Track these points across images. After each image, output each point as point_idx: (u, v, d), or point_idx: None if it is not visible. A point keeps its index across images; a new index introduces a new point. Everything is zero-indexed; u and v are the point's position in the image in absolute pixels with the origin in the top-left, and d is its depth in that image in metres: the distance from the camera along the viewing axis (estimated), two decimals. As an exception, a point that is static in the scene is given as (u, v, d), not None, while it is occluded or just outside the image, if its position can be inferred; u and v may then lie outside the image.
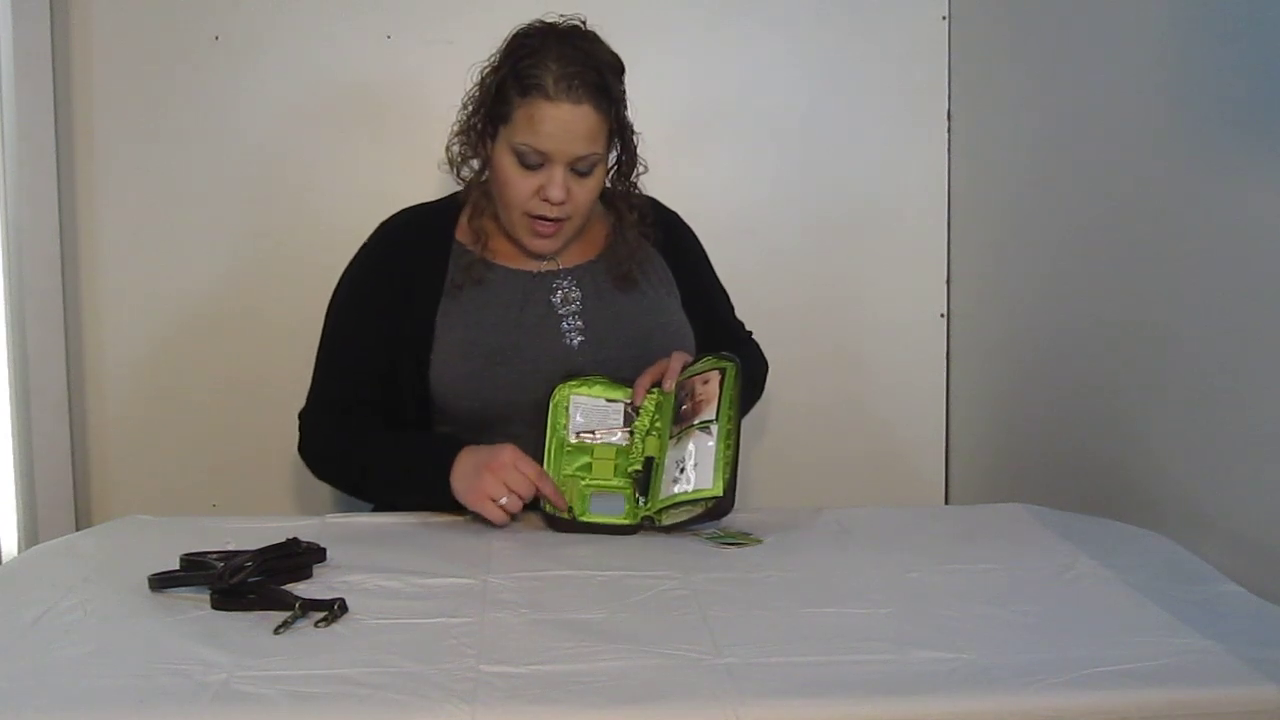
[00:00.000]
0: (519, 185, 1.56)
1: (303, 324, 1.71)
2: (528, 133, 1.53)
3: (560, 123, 1.52)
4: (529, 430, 1.54)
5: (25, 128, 1.89)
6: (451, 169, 1.65)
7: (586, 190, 1.58)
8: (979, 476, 2.15)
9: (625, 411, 1.54)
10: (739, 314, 1.84)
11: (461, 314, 1.59)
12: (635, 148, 1.65)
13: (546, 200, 1.55)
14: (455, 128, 1.64)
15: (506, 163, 1.56)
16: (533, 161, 1.54)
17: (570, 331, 1.61)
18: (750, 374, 1.63)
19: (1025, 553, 1.35)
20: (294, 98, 2.07)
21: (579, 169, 1.56)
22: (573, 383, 1.55)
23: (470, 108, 1.63)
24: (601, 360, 1.58)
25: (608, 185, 1.67)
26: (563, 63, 1.52)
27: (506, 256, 1.65)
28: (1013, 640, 1.08)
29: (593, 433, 1.54)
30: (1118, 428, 1.65)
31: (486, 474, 1.45)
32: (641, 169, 1.68)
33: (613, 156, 1.64)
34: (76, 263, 2.04)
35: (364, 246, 1.67)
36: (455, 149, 1.64)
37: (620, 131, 1.61)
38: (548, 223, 1.57)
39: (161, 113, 2.05)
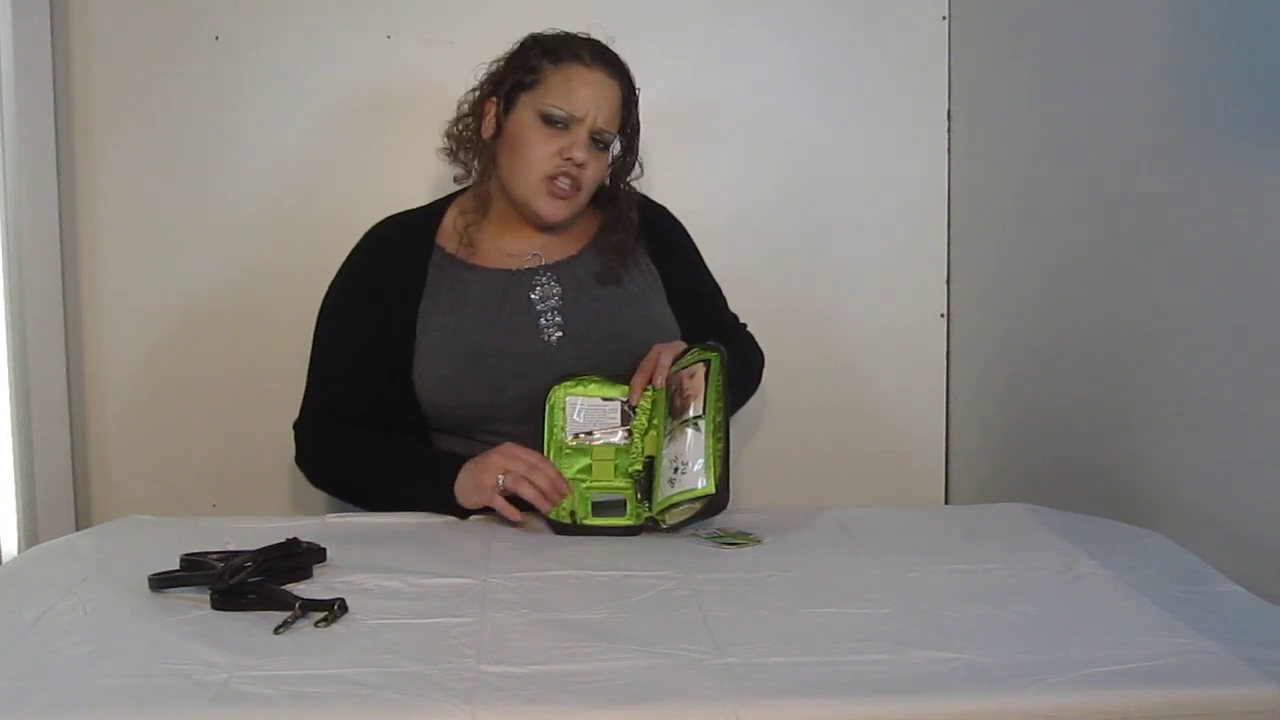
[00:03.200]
0: (542, 145, 1.58)
1: (302, 323, 1.71)
2: (561, 94, 1.58)
3: (595, 87, 1.58)
4: (515, 428, 1.55)
5: (25, 128, 1.89)
6: (448, 158, 1.68)
7: (599, 167, 1.62)
8: (979, 476, 2.15)
9: (622, 409, 1.54)
10: (739, 312, 1.84)
11: (440, 316, 1.60)
12: (638, 150, 1.69)
13: (570, 159, 1.58)
14: (455, 114, 1.68)
15: (529, 124, 1.59)
16: (560, 123, 1.58)
17: (549, 328, 1.61)
18: (743, 366, 1.63)
19: (1025, 553, 1.35)
20: (294, 97, 2.06)
21: (596, 142, 1.60)
22: (567, 383, 1.55)
23: (478, 92, 1.66)
24: (581, 355, 1.59)
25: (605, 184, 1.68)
26: (595, 45, 1.62)
27: (487, 257, 1.65)
28: (1013, 640, 1.08)
29: (590, 433, 1.54)
30: (1118, 428, 1.65)
31: (484, 465, 1.46)
32: (639, 173, 1.71)
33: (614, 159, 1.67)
34: (76, 263, 2.04)
35: (349, 257, 1.68)
36: (455, 132, 1.67)
37: (630, 132, 1.66)
38: (564, 185, 1.59)
39: (161, 113, 2.04)
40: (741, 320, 1.84)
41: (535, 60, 1.60)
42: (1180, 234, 1.49)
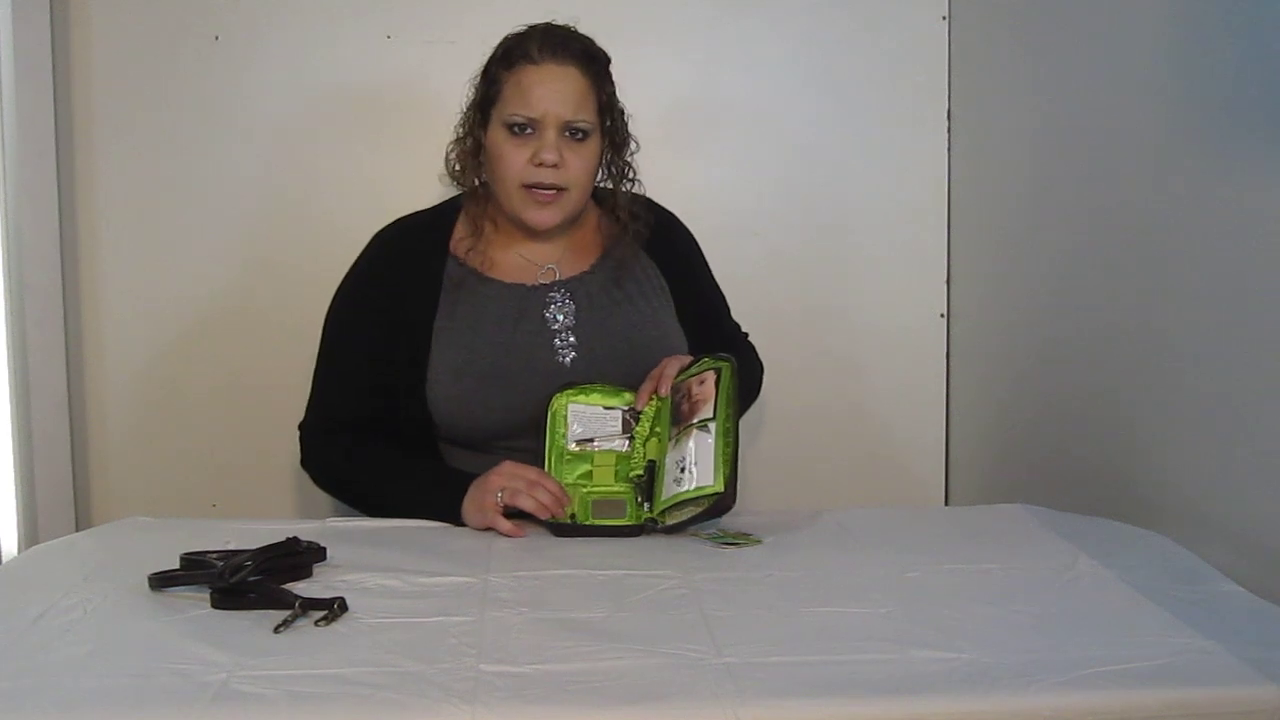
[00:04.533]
0: (512, 156, 1.57)
1: (303, 323, 1.71)
2: (516, 101, 1.56)
3: (547, 85, 1.56)
4: (525, 443, 1.55)
5: (25, 128, 1.89)
6: (452, 181, 1.68)
7: (582, 160, 1.59)
8: (979, 477, 2.15)
9: (623, 418, 1.54)
10: (739, 315, 1.84)
11: (455, 333, 1.59)
12: (626, 124, 1.66)
13: (541, 165, 1.56)
14: (452, 137, 1.67)
15: (499, 139, 1.58)
16: (524, 128, 1.56)
17: (563, 348, 1.61)
18: (745, 375, 1.63)
19: (1025, 553, 1.35)
20: (294, 98, 2.06)
21: (572, 134, 1.58)
22: (570, 391, 1.54)
23: (464, 113, 1.66)
24: (593, 377, 1.58)
25: (605, 185, 1.68)
26: (546, 36, 1.58)
27: (502, 270, 1.65)
28: (1013, 640, 1.08)
29: (592, 440, 1.54)
30: (1118, 428, 1.65)
31: (484, 486, 1.46)
32: (634, 147, 1.68)
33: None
34: (76, 263, 2.04)
35: (358, 261, 1.67)
36: (453, 156, 1.67)
37: (609, 109, 1.63)
38: (545, 191, 1.58)
39: (161, 113, 2.04)
40: (744, 330, 1.83)
41: (494, 70, 1.60)
42: (1180, 234, 1.49)
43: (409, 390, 1.58)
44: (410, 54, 2.07)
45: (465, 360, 1.58)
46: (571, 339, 1.62)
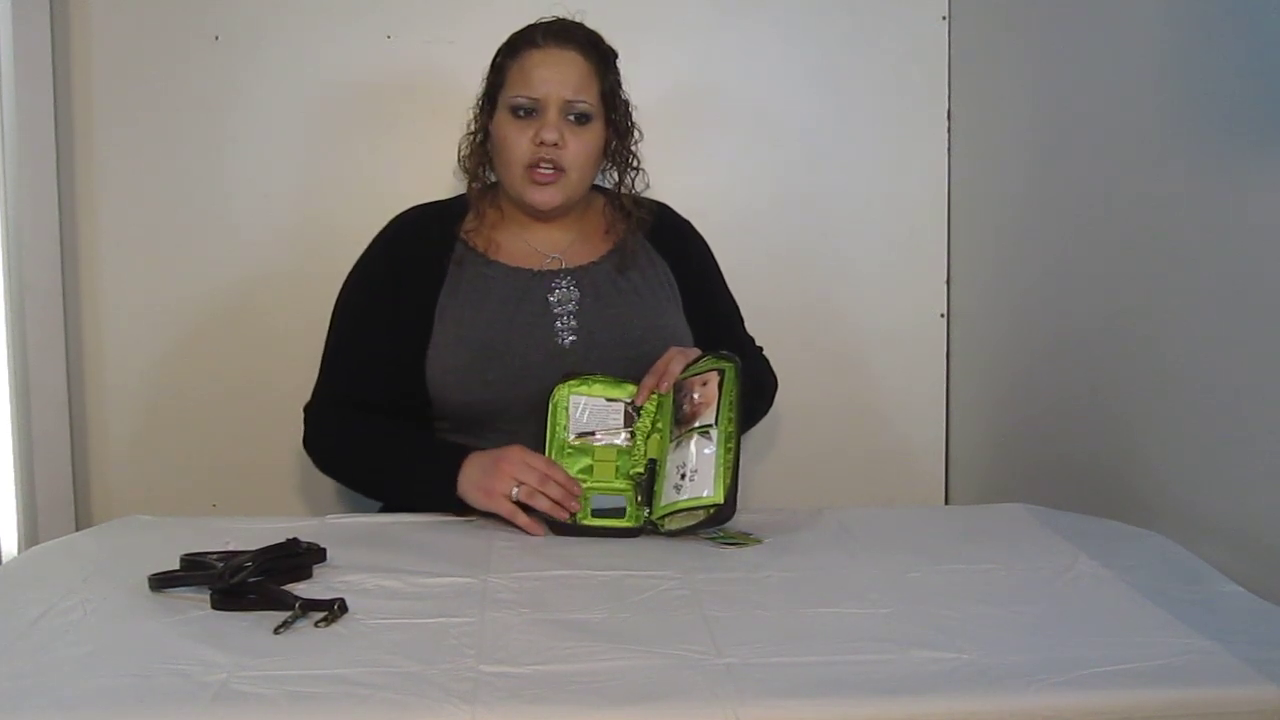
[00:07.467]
0: (515, 138, 1.60)
1: (302, 323, 1.71)
2: (519, 83, 1.60)
3: (549, 66, 1.60)
4: (522, 426, 1.55)
5: (25, 128, 1.89)
6: (464, 174, 1.70)
7: (583, 144, 1.62)
8: (979, 476, 2.15)
9: (625, 411, 1.54)
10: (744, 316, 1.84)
11: (458, 308, 1.61)
12: (631, 114, 1.69)
13: (542, 144, 1.58)
14: (463, 133, 1.69)
15: (504, 122, 1.62)
16: (527, 111, 1.60)
17: (563, 331, 1.61)
18: (757, 385, 1.63)
19: (1025, 553, 1.35)
20: (294, 98, 2.06)
21: (574, 118, 1.60)
22: (572, 382, 1.54)
23: (474, 107, 1.68)
24: (592, 361, 1.59)
25: (610, 173, 1.70)
26: (552, 24, 1.63)
27: (509, 255, 1.66)
28: (1013, 640, 1.08)
29: (593, 433, 1.54)
30: (1118, 428, 1.65)
31: (495, 472, 1.45)
32: (639, 135, 1.70)
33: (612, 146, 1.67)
34: (76, 263, 2.04)
35: (373, 242, 1.69)
36: (463, 149, 1.69)
37: (613, 97, 1.65)
38: (544, 170, 1.60)
39: (161, 113, 2.04)
40: (758, 344, 1.82)
41: (500, 59, 1.65)
42: (1180, 234, 1.49)
43: (410, 367, 1.58)
44: (410, 54, 2.07)
45: (466, 334, 1.59)
46: (573, 322, 1.62)
